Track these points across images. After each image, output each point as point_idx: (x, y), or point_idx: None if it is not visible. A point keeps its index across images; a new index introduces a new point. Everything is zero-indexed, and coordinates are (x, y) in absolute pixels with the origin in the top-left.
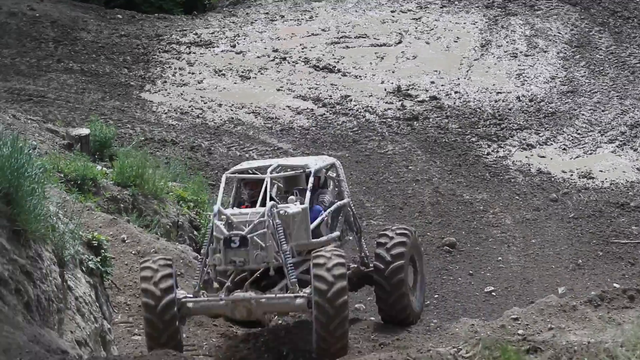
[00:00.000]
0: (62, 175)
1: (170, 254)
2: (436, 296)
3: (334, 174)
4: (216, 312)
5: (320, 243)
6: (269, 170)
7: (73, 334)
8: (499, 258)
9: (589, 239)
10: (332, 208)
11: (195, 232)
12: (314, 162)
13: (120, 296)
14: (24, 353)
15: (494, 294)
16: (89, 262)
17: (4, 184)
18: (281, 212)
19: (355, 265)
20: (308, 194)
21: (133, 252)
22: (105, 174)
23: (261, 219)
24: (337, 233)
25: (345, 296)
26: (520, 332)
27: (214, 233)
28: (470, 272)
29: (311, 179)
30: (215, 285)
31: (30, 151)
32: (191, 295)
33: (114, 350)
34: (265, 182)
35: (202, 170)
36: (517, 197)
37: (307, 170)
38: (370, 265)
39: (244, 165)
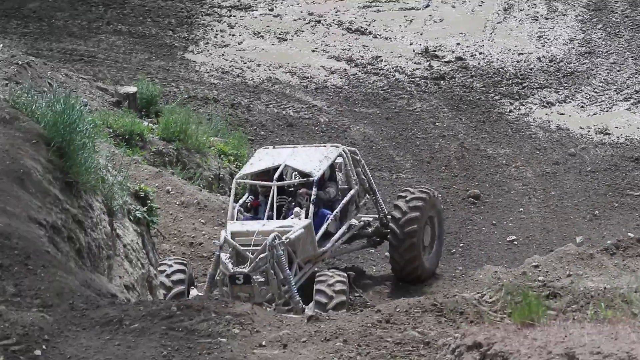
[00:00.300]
0: (111, 131)
1: (212, 205)
2: (461, 245)
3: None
4: None
5: (338, 249)
6: (275, 177)
7: (121, 279)
8: (521, 209)
9: (605, 191)
10: (338, 209)
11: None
12: (318, 164)
13: (165, 244)
14: (75, 296)
15: (515, 242)
16: (136, 212)
17: (57, 139)
18: (285, 240)
19: (377, 224)
20: (312, 208)
21: (177, 203)
22: (151, 130)
23: (262, 254)
24: (340, 232)
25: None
26: (540, 278)
27: (220, 267)
28: (494, 222)
29: (314, 190)
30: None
31: (82, 108)
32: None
33: (160, 294)
34: (272, 193)
35: (242, 126)
36: (537, 152)
37: (310, 179)
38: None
39: (255, 163)
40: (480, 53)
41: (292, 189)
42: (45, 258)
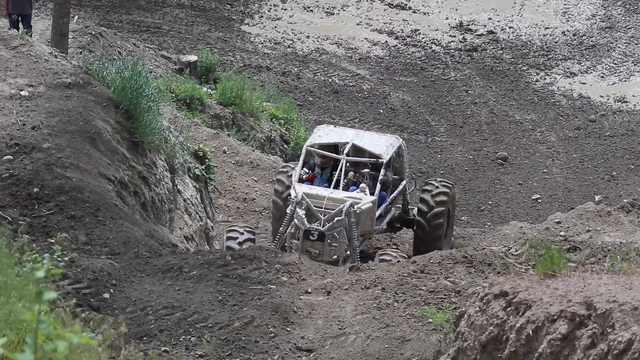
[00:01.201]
0: (174, 95)
1: (264, 164)
2: (490, 202)
3: (401, 155)
4: None
5: (380, 230)
6: (345, 152)
7: (182, 231)
8: (545, 170)
9: (622, 154)
10: (395, 193)
11: (285, 145)
12: (386, 149)
13: (221, 199)
14: (140, 245)
15: (539, 200)
16: (195, 170)
17: (125, 102)
18: (357, 210)
19: (399, 212)
20: (378, 186)
21: (232, 162)
22: (209, 95)
23: (338, 217)
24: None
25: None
26: (562, 233)
27: (295, 221)
28: (520, 182)
29: (382, 172)
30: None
31: (148, 74)
32: None
33: (216, 245)
34: (341, 164)
35: (292, 92)
36: (560, 118)
37: (380, 160)
38: (411, 213)
39: (323, 137)
40: (509, 27)
41: (349, 167)
42: (114, 210)
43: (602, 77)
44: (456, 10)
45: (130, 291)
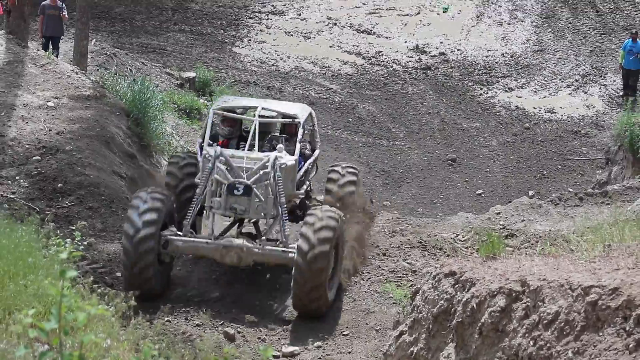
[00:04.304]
0: (176, 106)
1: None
2: (441, 197)
3: (310, 124)
4: (205, 254)
5: (300, 194)
6: (257, 113)
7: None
8: (487, 169)
9: (551, 157)
10: (311, 160)
11: None
12: (300, 111)
13: None
14: None
15: (482, 195)
16: None
17: (134, 111)
18: (282, 165)
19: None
20: (298, 145)
21: None
22: (206, 105)
23: (264, 170)
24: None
25: (324, 262)
26: (501, 222)
27: (215, 176)
28: (466, 179)
29: (301, 130)
30: (205, 225)
31: (154, 88)
32: (180, 234)
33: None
34: (254, 125)
35: None
36: (500, 126)
37: (296, 120)
38: (313, 198)
39: (229, 102)
40: (458, 49)
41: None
42: (125, 203)
43: (535, 91)
44: (413, 35)
45: None
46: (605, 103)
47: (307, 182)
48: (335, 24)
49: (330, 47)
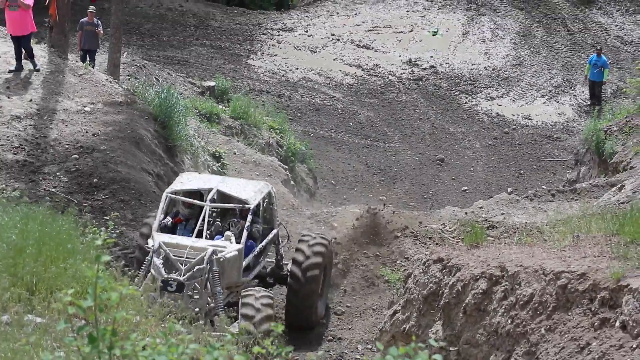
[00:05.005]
0: (197, 111)
1: (263, 162)
2: (430, 192)
3: (269, 203)
4: None
5: (247, 282)
6: (209, 198)
7: None
8: (471, 169)
9: (527, 158)
10: (263, 243)
11: (279, 149)
12: (253, 195)
13: None
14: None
15: (467, 191)
16: (213, 166)
17: (161, 116)
18: (220, 258)
19: (272, 267)
20: (245, 233)
21: (240, 161)
22: (224, 111)
23: (199, 266)
24: (259, 268)
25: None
26: (483, 215)
27: (152, 271)
28: (453, 177)
29: (249, 218)
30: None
31: (178, 95)
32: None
33: None
34: (204, 211)
35: (285, 109)
36: (483, 130)
37: (246, 206)
38: (286, 268)
39: (186, 183)
40: (446, 63)
41: (214, 213)
42: (152, 196)
43: (513, 100)
44: (407, 50)
45: None
46: (574, 111)
47: (278, 256)
48: (338, 40)
49: (334, 60)
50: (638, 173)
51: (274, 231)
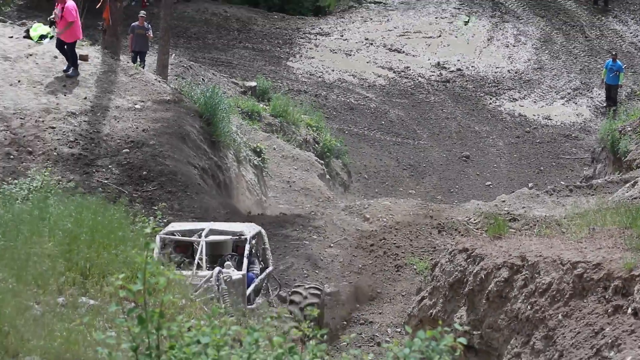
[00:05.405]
0: (240, 109)
1: (301, 157)
2: (457, 187)
3: (260, 243)
4: None
5: (251, 310)
6: (204, 233)
7: (244, 203)
8: (495, 165)
9: (547, 155)
10: (262, 276)
11: (316, 145)
12: (247, 228)
13: (272, 181)
14: (216, 212)
15: (490, 186)
16: (254, 161)
17: (206, 113)
18: (226, 278)
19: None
20: (246, 260)
21: (279, 156)
22: (264, 109)
23: (209, 283)
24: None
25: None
26: (505, 209)
27: None
28: (477, 173)
29: (247, 246)
30: None
31: (222, 94)
32: None
33: (269, 212)
34: (200, 246)
35: (321, 108)
36: (506, 129)
37: (242, 237)
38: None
39: (177, 227)
40: (472, 66)
41: (208, 254)
42: (198, 188)
43: (535, 102)
44: (435, 54)
45: None
46: (591, 112)
47: (267, 298)
48: (371, 44)
49: (367, 62)
50: None
51: (270, 268)
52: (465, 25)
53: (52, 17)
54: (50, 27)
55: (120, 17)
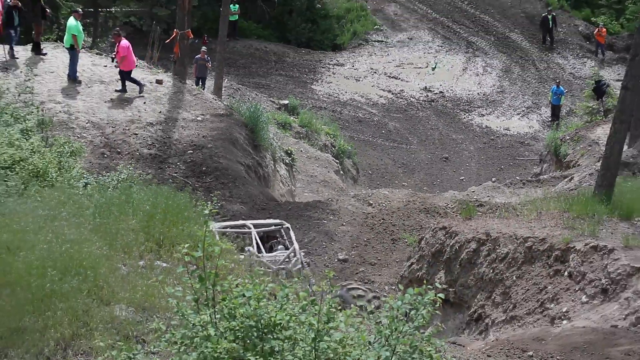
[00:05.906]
0: (276, 121)
1: (322, 157)
2: (438, 180)
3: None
4: None
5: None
6: (250, 225)
7: (278, 191)
8: (467, 164)
9: (506, 157)
10: (293, 262)
11: (333, 148)
12: (279, 221)
13: (299, 175)
14: (257, 199)
15: (463, 180)
16: (286, 160)
17: (250, 124)
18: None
19: None
20: (295, 244)
21: (305, 156)
22: (294, 121)
23: (283, 265)
24: None
25: None
26: (475, 197)
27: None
28: (454, 170)
29: (292, 233)
30: None
31: (262, 110)
32: None
33: (297, 199)
34: (252, 234)
35: (337, 121)
36: (476, 137)
37: (284, 226)
38: None
39: (216, 226)
40: (451, 90)
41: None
42: (244, 180)
43: (497, 117)
44: (423, 80)
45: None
46: (540, 125)
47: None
48: (375, 72)
49: (372, 86)
50: (583, 169)
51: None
52: (433, 70)
53: (112, 54)
54: (112, 61)
55: (186, 52)
